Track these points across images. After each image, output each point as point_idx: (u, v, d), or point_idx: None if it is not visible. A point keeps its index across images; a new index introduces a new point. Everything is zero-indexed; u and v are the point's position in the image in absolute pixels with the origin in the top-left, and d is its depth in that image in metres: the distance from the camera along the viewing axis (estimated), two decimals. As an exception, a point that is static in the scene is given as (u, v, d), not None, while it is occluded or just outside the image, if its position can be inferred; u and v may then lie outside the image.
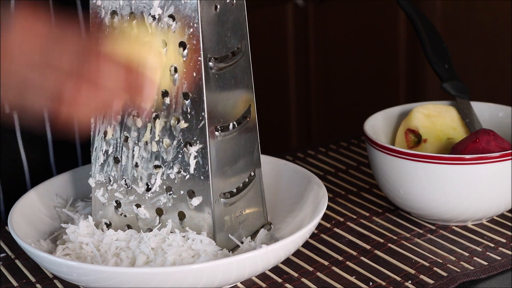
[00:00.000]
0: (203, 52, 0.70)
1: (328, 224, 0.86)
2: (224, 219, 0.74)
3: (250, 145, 0.77)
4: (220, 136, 0.73)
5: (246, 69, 0.76)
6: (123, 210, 0.76)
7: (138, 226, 0.76)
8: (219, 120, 0.73)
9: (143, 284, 0.67)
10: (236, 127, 0.75)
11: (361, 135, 1.03)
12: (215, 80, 0.72)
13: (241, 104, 0.76)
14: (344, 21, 2.11)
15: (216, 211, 0.73)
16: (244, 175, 0.77)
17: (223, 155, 0.74)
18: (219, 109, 0.73)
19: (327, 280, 0.76)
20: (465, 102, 0.93)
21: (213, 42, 0.71)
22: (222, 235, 0.74)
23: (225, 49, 0.73)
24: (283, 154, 1.02)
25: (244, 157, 0.77)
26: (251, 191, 0.78)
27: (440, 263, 0.78)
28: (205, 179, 0.72)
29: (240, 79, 0.75)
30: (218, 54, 0.72)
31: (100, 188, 0.77)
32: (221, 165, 0.74)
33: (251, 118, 0.77)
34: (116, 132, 0.75)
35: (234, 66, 0.74)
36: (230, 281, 0.71)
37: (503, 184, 0.81)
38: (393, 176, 0.84)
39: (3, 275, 0.79)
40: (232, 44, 0.74)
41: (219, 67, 0.72)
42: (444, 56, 0.95)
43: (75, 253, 0.75)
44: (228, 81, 0.73)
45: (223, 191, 0.74)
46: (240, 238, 0.76)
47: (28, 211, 0.79)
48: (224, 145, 0.74)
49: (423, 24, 0.96)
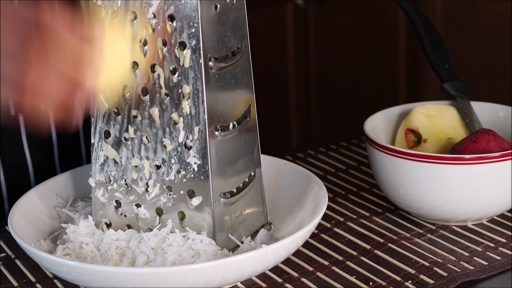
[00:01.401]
0: (203, 52, 0.70)
1: (328, 224, 0.86)
2: (224, 219, 0.75)
3: (250, 145, 0.77)
4: (220, 136, 0.73)
5: (246, 69, 0.76)
6: (123, 210, 0.76)
7: (138, 226, 0.76)
8: (219, 120, 0.73)
9: (143, 284, 0.67)
10: (236, 127, 0.75)
11: (361, 135, 1.03)
12: (215, 80, 0.72)
13: (241, 104, 0.76)
14: (344, 21, 2.11)
15: (216, 211, 0.73)
16: (244, 175, 0.77)
17: (223, 155, 0.74)
18: (219, 109, 0.73)
19: (327, 280, 0.76)
20: (465, 102, 0.93)
21: (213, 42, 0.71)
22: (222, 235, 0.74)
23: (225, 49, 0.73)
24: (283, 154, 1.02)
25: (244, 157, 0.77)
26: (251, 191, 0.78)
27: (440, 263, 0.78)
28: (205, 179, 0.72)
29: (240, 79, 0.75)
30: (218, 54, 0.72)
31: (100, 188, 0.77)
32: (221, 165, 0.74)
33: (251, 118, 0.77)
34: (116, 133, 0.75)
35: (234, 66, 0.74)
36: (230, 281, 0.71)
37: (503, 184, 0.81)
38: (393, 176, 0.84)
39: (3, 275, 0.79)
40: (232, 44, 0.74)
41: (219, 67, 0.72)
42: (444, 56, 0.95)
43: (75, 253, 0.75)
44: (228, 81, 0.73)
45: (223, 191, 0.74)
46: (240, 238, 0.76)
47: (28, 211, 0.80)
48: (224, 145, 0.74)
49: (423, 24, 0.96)
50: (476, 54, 1.94)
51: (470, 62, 1.92)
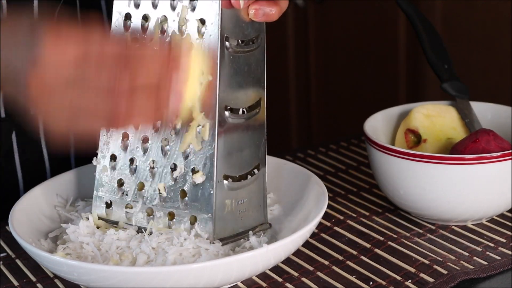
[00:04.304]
0: (220, 29, 0.72)
1: (328, 223, 0.87)
2: (225, 202, 0.75)
3: (257, 139, 0.78)
4: (229, 118, 0.73)
5: (260, 63, 0.77)
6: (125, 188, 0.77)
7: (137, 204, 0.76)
8: (230, 100, 0.74)
9: (144, 284, 0.67)
10: (246, 114, 0.75)
11: (361, 135, 1.03)
12: (229, 60, 0.73)
13: (252, 94, 0.76)
14: (344, 21, 2.11)
15: (218, 191, 0.73)
16: (248, 166, 0.77)
17: (230, 139, 0.74)
18: (231, 89, 0.74)
19: (327, 279, 0.76)
20: (465, 102, 0.93)
21: (231, 23, 0.73)
22: (222, 218, 0.74)
23: (241, 35, 0.74)
24: (283, 154, 1.03)
25: (250, 148, 0.77)
26: (254, 185, 0.78)
27: (440, 261, 0.78)
28: (210, 156, 0.73)
29: (253, 70, 0.76)
30: (235, 36, 0.73)
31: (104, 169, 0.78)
32: (227, 147, 0.74)
33: (261, 112, 0.77)
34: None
35: (248, 54, 0.75)
36: (231, 281, 0.71)
37: (503, 184, 0.82)
38: (393, 176, 0.84)
39: (3, 275, 0.79)
40: (249, 33, 0.75)
41: (235, 50, 0.73)
42: (444, 56, 0.96)
43: (76, 253, 0.75)
44: (242, 66, 0.75)
45: (227, 173, 0.75)
46: (238, 230, 0.76)
47: (29, 210, 0.80)
48: (232, 129, 0.74)
49: (423, 24, 0.96)
50: (476, 54, 1.94)
51: (470, 62, 1.92)
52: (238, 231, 0.76)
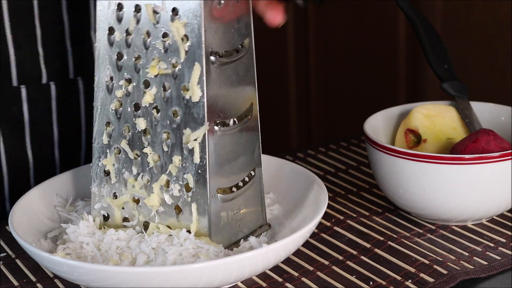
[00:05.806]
0: (204, 46, 0.70)
1: (328, 223, 0.87)
2: (221, 215, 0.75)
3: (251, 144, 0.77)
4: (219, 131, 0.73)
5: (250, 67, 0.76)
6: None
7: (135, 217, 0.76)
8: (219, 114, 0.73)
9: (143, 284, 0.67)
10: (237, 124, 0.75)
11: (361, 135, 1.03)
12: (216, 74, 0.72)
13: (242, 102, 0.76)
14: (344, 21, 2.11)
15: (213, 206, 0.73)
16: (243, 174, 0.77)
17: (222, 151, 0.74)
18: (219, 104, 0.73)
19: (327, 279, 0.76)
20: (465, 102, 0.93)
21: (215, 37, 0.72)
22: (218, 230, 0.74)
23: (228, 45, 0.73)
24: (283, 154, 1.03)
25: (244, 155, 0.77)
26: (250, 190, 0.78)
27: (440, 261, 0.78)
28: (202, 173, 0.73)
29: (242, 77, 0.75)
30: (220, 49, 0.72)
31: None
32: (220, 160, 0.74)
33: (253, 117, 0.77)
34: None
35: (236, 63, 0.74)
36: (231, 281, 0.71)
37: (503, 184, 0.82)
38: (393, 176, 0.84)
39: (3, 275, 0.79)
40: (236, 41, 0.74)
41: (221, 62, 0.72)
42: (443, 57, 0.96)
43: (76, 253, 0.75)
44: (230, 77, 0.74)
45: (221, 186, 0.74)
46: (237, 237, 0.77)
47: (29, 210, 0.80)
48: (224, 141, 0.74)
49: (423, 24, 0.96)
50: (476, 54, 1.94)
51: (470, 62, 1.92)
52: (237, 239, 0.76)
